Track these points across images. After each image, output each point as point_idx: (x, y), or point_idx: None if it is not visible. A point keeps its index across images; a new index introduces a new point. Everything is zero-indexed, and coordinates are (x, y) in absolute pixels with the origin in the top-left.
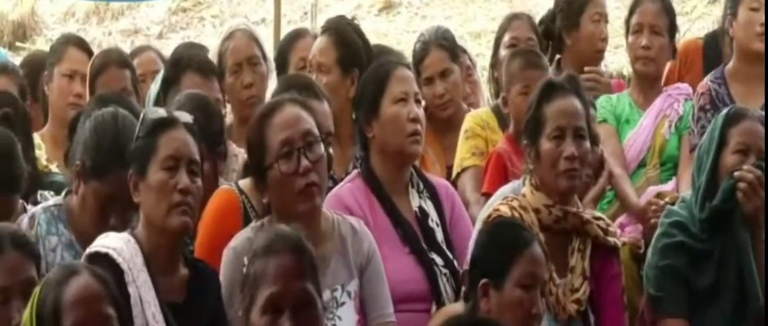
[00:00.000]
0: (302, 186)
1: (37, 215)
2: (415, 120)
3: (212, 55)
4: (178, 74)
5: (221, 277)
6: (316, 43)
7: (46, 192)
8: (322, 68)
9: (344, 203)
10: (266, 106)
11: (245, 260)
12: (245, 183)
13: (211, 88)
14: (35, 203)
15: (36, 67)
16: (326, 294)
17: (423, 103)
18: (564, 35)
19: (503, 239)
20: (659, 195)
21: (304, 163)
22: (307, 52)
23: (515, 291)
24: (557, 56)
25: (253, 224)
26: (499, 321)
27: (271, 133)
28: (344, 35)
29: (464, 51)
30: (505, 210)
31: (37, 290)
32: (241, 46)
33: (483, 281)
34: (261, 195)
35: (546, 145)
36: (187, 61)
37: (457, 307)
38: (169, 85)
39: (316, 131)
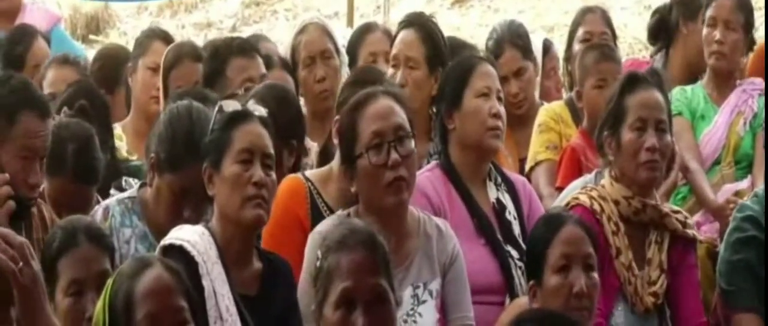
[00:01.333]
0: (390, 179)
1: (111, 207)
2: (496, 116)
3: (285, 49)
4: (221, 65)
5: (304, 261)
6: (403, 37)
7: (130, 179)
8: (411, 63)
9: (423, 190)
10: (361, 95)
11: (319, 254)
12: (313, 173)
13: (257, 67)
14: (120, 188)
15: (110, 60)
16: (408, 291)
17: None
18: (681, 24)
19: (535, 236)
20: (738, 194)
21: (394, 156)
22: (376, 47)
23: (551, 280)
24: (664, 50)
25: (340, 212)
26: (570, 316)
27: (363, 123)
28: (432, 33)
29: (551, 45)
30: (584, 199)
31: (109, 282)
32: (314, 39)
33: (530, 283)
34: (349, 184)
35: (627, 135)
36: (226, 49)
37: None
38: (213, 79)
39: (407, 126)
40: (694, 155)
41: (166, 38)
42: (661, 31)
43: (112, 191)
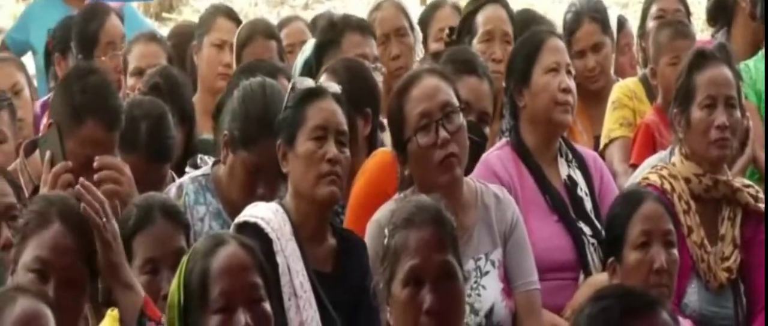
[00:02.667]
0: (441, 157)
1: (185, 185)
2: (566, 91)
3: None
4: (336, 37)
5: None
6: (494, 13)
7: (205, 157)
8: (507, 37)
9: (492, 169)
10: (405, 78)
11: (386, 231)
12: None
13: (371, 46)
14: (194, 166)
15: (183, 38)
16: (470, 264)
17: (573, 73)
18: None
19: (614, 213)
20: None
21: (443, 134)
22: (446, 22)
23: (631, 256)
24: (725, 28)
25: (396, 196)
26: (650, 293)
27: (409, 106)
28: (511, 11)
29: (626, 22)
30: (654, 178)
31: (184, 260)
32: (389, 17)
33: (610, 260)
34: (402, 168)
35: (697, 113)
36: (344, 22)
37: (605, 277)
38: (325, 50)
39: (455, 101)
40: (761, 144)
41: (229, 14)
42: (719, 11)
43: (187, 169)
